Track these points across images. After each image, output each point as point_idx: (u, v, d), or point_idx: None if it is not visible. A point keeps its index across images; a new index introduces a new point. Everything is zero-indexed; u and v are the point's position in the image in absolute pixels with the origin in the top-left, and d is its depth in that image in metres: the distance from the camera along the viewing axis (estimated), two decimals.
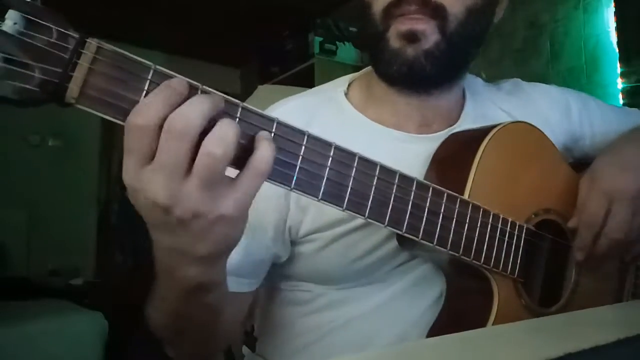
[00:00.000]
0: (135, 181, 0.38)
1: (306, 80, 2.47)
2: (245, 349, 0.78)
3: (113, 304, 2.41)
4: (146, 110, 0.37)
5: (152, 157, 0.37)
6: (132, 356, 2.01)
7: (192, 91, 0.39)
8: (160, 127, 0.37)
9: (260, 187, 0.41)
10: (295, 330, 0.70)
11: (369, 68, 0.75)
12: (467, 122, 0.71)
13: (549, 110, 0.77)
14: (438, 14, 0.61)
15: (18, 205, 2.99)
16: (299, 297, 0.70)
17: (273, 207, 0.63)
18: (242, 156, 0.40)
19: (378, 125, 0.69)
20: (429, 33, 0.61)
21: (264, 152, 0.40)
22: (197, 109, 0.37)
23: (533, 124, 0.66)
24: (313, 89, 0.76)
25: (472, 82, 0.77)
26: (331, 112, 0.68)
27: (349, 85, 0.73)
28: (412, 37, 0.61)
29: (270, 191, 0.61)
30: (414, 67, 0.62)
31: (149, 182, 0.37)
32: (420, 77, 0.63)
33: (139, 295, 0.57)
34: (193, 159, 0.37)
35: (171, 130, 0.36)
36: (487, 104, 0.76)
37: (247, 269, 0.64)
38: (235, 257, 0.62)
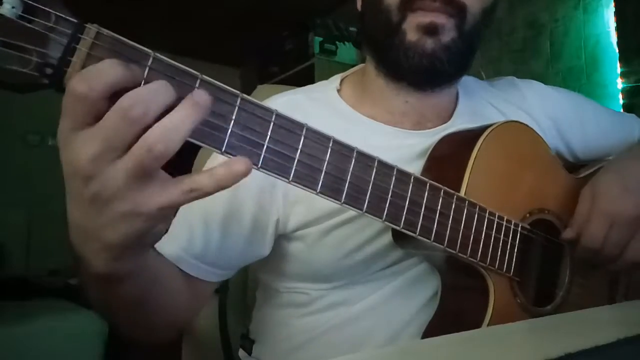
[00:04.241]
0: (66, 143, 0.36)
1: (306, 80, 2.45)
2: (241, 352, 0.77)
3: None
4: (94, 78, 0.34)
5: (88, 123, 0.35)
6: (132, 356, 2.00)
7: (151, 74, 0.37)
8: (105, 98, 0.35)
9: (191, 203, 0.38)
10: (291, 331, 0.70)
11: (360, 66, 0.75)
12: (459, 119, 0.71)
13: (540, 110, 0.77)
14: (458, 12, 0.62)
15: (18, 206, 3.00)
16: (296, 299, 0.69)
17: (254, 199, 0.62)
18: None
19: (372, 121, 0.68)
20: (448, 28, 0.62)
21: (205, 179, 0.37)
22: (159, 100, 0.35)
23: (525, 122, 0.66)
24: (303, 87, 0.76)
25: (465, 79, 0.76)
26: (321, 109, 0.68)
27: (341, 82, 0.73)
28: (432, 30, 0.61)
29: (253, 183, 0.60)
30: (433, 60, 0.62)
31: (79, 148, 0.35)
32: (436, 72, 0.63)
33: None
34: (135, 142, 0.35)
35: (128, 116, 0.34)
36: (480, 101, 0.76)
37: (217, 258, 0.63)
38: (205, 243, 0.61)
